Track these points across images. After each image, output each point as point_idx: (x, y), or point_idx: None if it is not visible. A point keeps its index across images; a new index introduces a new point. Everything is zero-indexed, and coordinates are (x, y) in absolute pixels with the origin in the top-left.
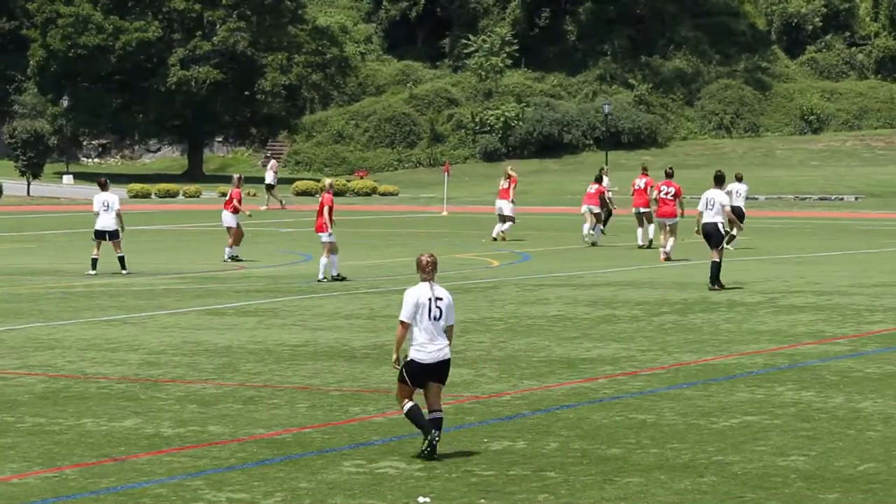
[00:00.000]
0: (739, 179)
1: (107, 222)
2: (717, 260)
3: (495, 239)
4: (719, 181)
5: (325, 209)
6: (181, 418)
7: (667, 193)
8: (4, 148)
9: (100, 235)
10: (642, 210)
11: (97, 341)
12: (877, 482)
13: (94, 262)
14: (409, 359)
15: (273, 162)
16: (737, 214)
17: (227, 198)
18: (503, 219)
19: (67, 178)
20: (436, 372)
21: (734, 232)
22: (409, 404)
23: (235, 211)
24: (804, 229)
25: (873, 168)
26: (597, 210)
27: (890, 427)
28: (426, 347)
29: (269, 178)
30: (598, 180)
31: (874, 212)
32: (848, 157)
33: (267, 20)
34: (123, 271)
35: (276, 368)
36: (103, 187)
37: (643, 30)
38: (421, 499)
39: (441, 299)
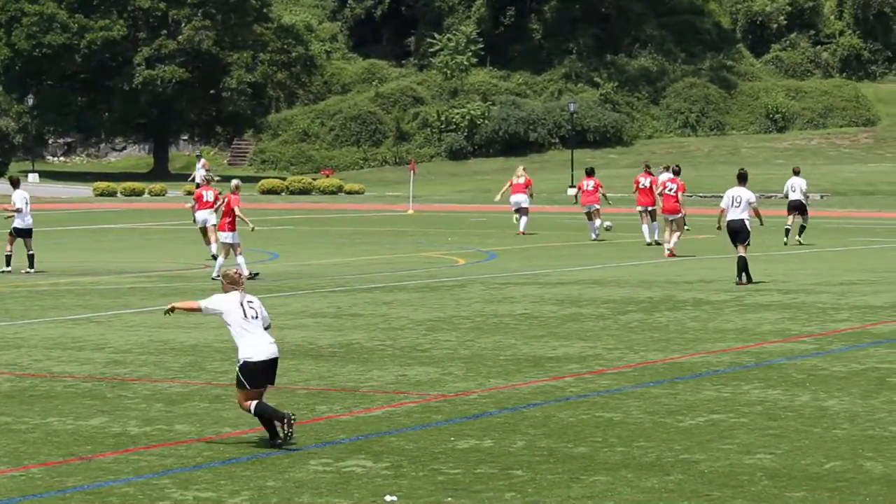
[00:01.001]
0: (797, 174)
1: (29, 220)
2: (744, 255)
3: (524, 233)
4: (742, 179)
5: (234, 209)
6: (148, 417)
7: (670, 190)
8: None
9: (26, 233)
10: (649, 209)
11: (63, 340)
12: (843, 480)
13: (31, 258)
14: (242, 362)
15: (204, 161)
16: (796, 208)
17: (212, 199)
18: (523, 212)
19: (33, 177)
20: (269, 370)
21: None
22: (254, 403)
23: (207, 206)
24: (770, 227)
25: (838, 166)
26: (597, 206)
27: (856, 425)
28: (257, 345)
29: (199, 177)
30: (591, 174)
31: (839, 210)
32: (813, 155)
33: (232, 18)
34: (31, 270)
35: None
36: (17, 185)
37: (608, 28)
38: (388, 497)
39: (252, 301)
